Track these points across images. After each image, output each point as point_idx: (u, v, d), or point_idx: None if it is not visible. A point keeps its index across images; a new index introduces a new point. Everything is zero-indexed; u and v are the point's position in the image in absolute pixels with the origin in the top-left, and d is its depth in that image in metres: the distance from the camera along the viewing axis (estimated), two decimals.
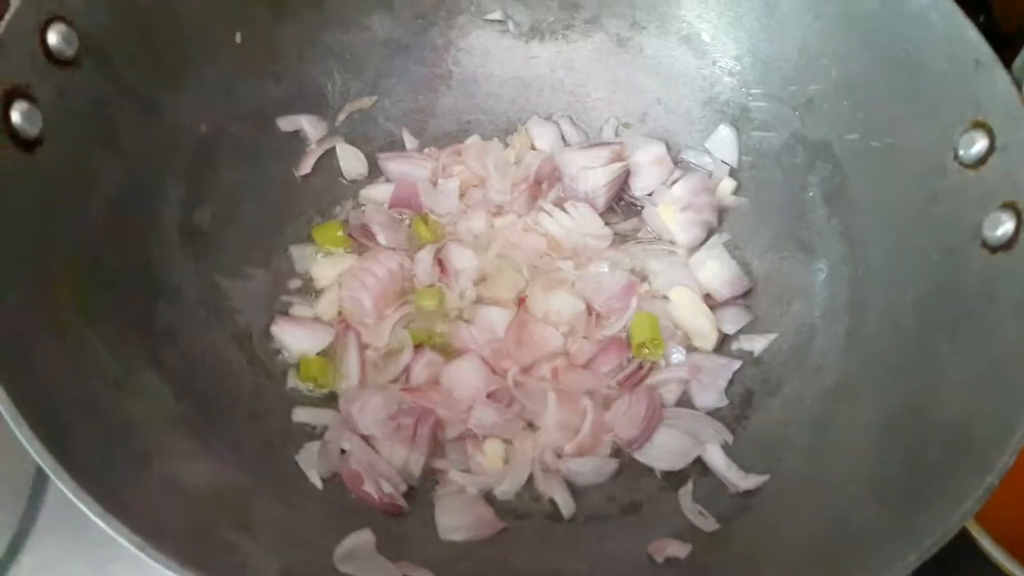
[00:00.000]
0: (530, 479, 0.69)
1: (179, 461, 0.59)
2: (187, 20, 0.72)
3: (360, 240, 0.78)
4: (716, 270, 0.76)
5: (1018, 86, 0.59)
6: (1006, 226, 0.57)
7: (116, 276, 0.64)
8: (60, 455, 0.47)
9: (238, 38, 0.77)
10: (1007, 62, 0.60)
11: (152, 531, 0.47)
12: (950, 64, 0.63)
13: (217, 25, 0.75)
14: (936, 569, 0.67)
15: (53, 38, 0.59)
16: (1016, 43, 0.78)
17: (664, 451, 0.69)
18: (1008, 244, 0.57)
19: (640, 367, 0.73)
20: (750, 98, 0.81)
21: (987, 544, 0.61)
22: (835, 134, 0.74)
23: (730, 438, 0.70)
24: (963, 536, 0.62)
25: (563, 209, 0.80)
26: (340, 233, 0.78)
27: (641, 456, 0.69)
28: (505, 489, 0.68)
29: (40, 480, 0.72)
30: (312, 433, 0.69)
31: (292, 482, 0.65)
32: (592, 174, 0.80)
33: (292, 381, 0.72)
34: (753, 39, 0.80)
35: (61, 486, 0.46)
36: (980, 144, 0.60)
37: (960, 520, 0.48)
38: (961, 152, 0.61)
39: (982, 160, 0.60)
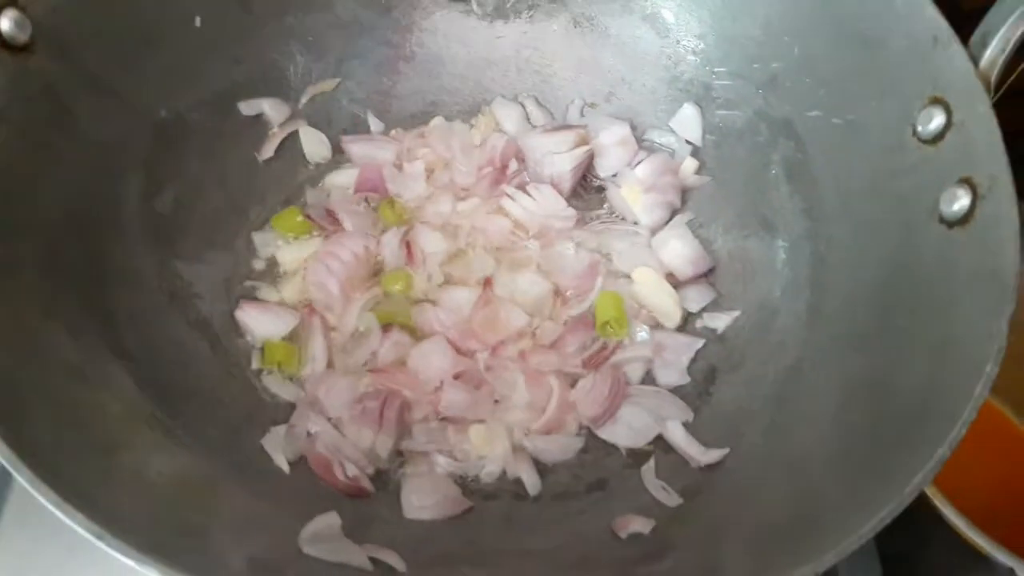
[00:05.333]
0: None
1: (142, 450, 0.58)
2: (145, 3, 0.71)
3: (325, 226, 0.78)
4: (679, 249, 0.77)
5: (975, 63, 0.60)
6: (962, 201, 0.58)
7: (76, 264, 0.63)
8: (16, 445, 0.47)
9: (197, 21, 0.76)
10: (968, 39, 0.60)
11: (113, 520, 0.46)
12: (909, 41, 0.63)
13: (176, 8, 0.74)
14: (903, 538, 0.69)
15: (5, 24, 0.59)
16: (977, 20, 0.78)
17: (628, 428, 0.69)
18: (964, 219, 0.58)
19: (605, 346, 0.74)
20: (714, 76, 0.82)
21: (949, 513, 0.63)
22: (797, 111, 0.75)
23: (691, 416, 0.71)
24: (926, 507, 0.63)
25: (526, 192, 0.80)
26: (299, 219, 0.78)
27: (605, 434, 0.70)
28: (491, 470, 0.68)
29: (4, 475, 0.71)
30: (277, 417, 0.69)
31: (257, 467, 0.65)
32: (558, 159, 0.80)
33: (256, 364, 0.72)
34: (716, 18, 0.80)
35: (17, 476, 0.46)
36: (938, 120, 0.61)
37: (912, 491, 0.49)
38: (919, 128, 0.62)
39: (940, 136, 0.61)
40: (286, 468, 0.66)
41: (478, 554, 0.62)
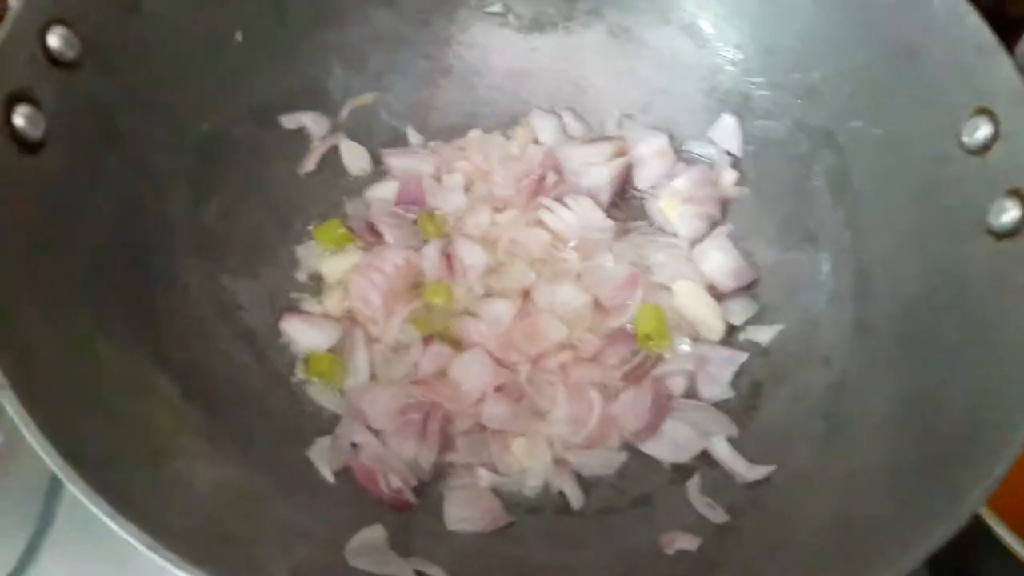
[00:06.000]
0: None
1: (189, 461, 0.59)
2: (187, 20, 0.72)
3: (366, 238, 0.78)
4: (720, 261, 0.76)
5: (1022, 72, 0.59)
6: (1011, 213, 0.57)
7: (123, 278, 0.64)
8: (69, 456, 0.47)
9: (239, 36, 0.77)
10: (1014, 46, 0.60)
11: (162, 531, 0.47)
12: (952, 50, 0.62)
13: (218, 24, 0.75)
14: (953, 558, 0.68)
15: (54, 41, 0.59)
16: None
17: (671, 443, 0.69)
18: (1014, 231, 0.57)
19: (646, 359, 0.73)
20: (752, 87, 0.81)
21: (1003, 532, 0.62)
22: (838, 121, 0.74)
23: (736, 431, 0.70)
24: (978, 524, 0.62)
25: (563, 203, 0.80)
26: (341, 230, 0.78)
27: (648, 448, 0.70)
28: (533, 484, 0.68)
29: (56, 480, 0.71)
30: (322, 428, 0.69)
31: (301, 479, 0.65)
32: (595, 170, 0.80)
33: (300, 375, 0.72)
34: (754, 27, 0.80)
35: (71, 487, 0.47)
36: (984, 130, 0.60)
37: (969, 510, 0.48)
38: (965, 139, 0.61)
39: (987, 147, 0.60)
40: (331, 479, 0.66)
41: (523, 569, 0.62)
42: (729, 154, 0.82)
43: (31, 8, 0.58)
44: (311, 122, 0.82)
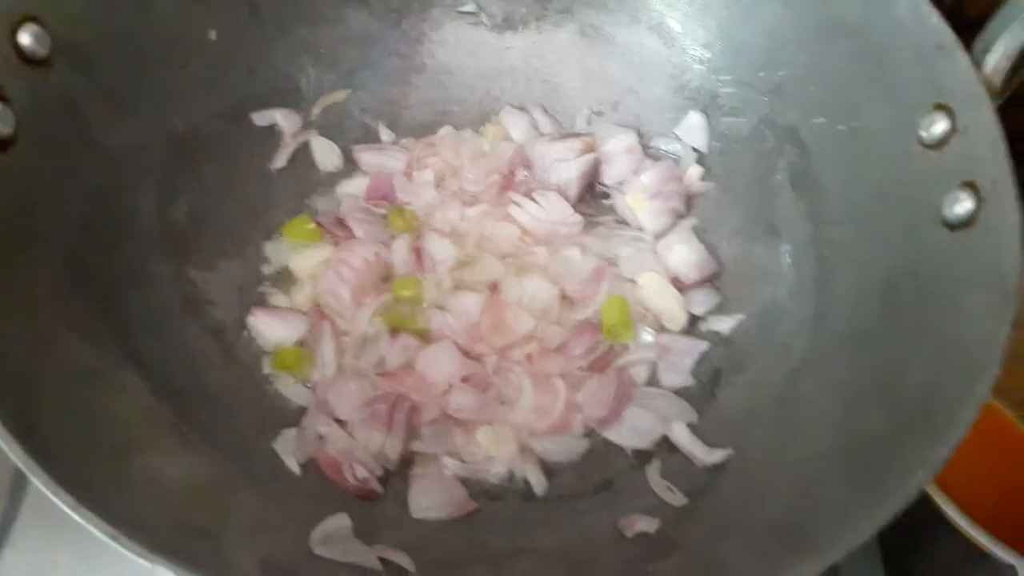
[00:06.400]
0: None
1: (156, 454, 0.59)
2: (160, 18, 0.73)
3: (335, 234, 0.79)
4: (684, 254, 0.77)
5: (978, 68, 0.60)
6: (965, 204, 0.58)
7: (92, 272, 0.64)
8: (32, 448, 0.47)
9: (212, 35, 0.77)
10: (971, 45, 0.61)
11: (127, 522, 0.47)
12: (914, 49, 0.64)
13: (191, 22, 0.76)
14: (905, 538, 0.69)
15: (25, 38, 0.60)
16: (981, 27, 0.78)
17: (633, 430, 0.70)
18: (968, 222, 0.58)
19: (610, 349, 0.74)
20: (719, 84, 0.82)
21: (951, 511, 0.64)
22: (802, 118, 0.75)
23: (695, 417, 0.71)
24: (925, 501, 0.64)
25: (532, 199, 0.80)
26: (310, 226, 0.79)
27: (611, 435, 0.71)
28: (498, 472, 0.69)
29: (21, 475, 0.72)
30: (288, 420, 0.70)
31: (268, 471, 0.66)
32: (565, 166, 0.81)
33: (268, 368, 0.73)
34: (722, 26, 0.81)
35: (33, 479, 0.47)
36: (941, 125, 0.61)
37: (914, 489, 0.49)
38: (923, 134, 0.62)
39: (943, 141, 0.61)
40: (297, 470, 0.67)
41: (487, 554, 0.63)
42: (695, 150, 0.84)
43: (2, 5, 0.59)
44: (283, 119, 0.83)
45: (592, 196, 0.85)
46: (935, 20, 0.63)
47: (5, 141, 0.58)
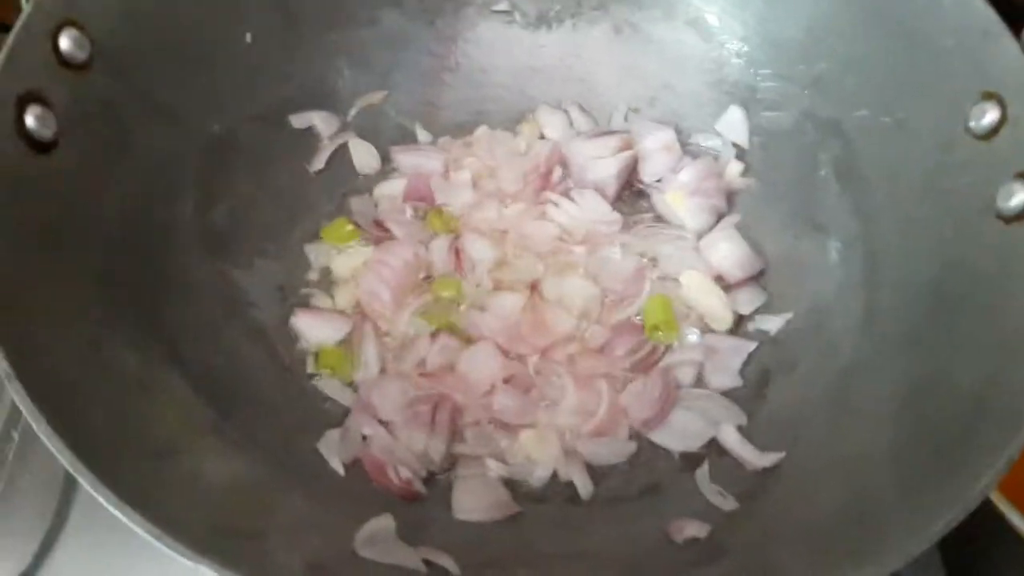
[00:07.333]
0: None
1: (200, 455, 0.59)
2: (197, 22, 0.73)
3: (374, 235, 0.79)
4: (728, 251, 0.76)
5: None
6: (1020, 196, 0.57)
7: (134, 275, 0.65)
8: (78, 450, 0.48)
9: (248, 38, 0.78)
10: (1021, 30, 0.60)
11: (171, 523, 0.47)
12: (958, 36, 0.62)
13: (227, 26, 0.76)
14: (964, 543, 0.67)
15: (65, 43, 0.60)
16: None
17: (680, 432, 0.69)
18: (1022, 214, 0.57)
19: (654, 349, 0.73)
20: (758, 78, 0.81)
21: (1014, 516, 0.61)
22: (844, 111, 0.74)
23: (744, 419, 0.70)
24: (989, 509, 0.61)
25: (570, 198, 0.80)
26: (348, 228, 0.79)
27: (657, 437, 0.70)
28: (541, 475, 0.68)
29: (71, 478, 0.72)
30: (332, 421, 0.70)
31: (311, 471, 0.66)
32: (602, 164, 0.80)
33: (310, 369, 0.73)
34: (760, 20, 0.80)
35: (79, 478, 0.47)
36: (991, 115, 0.60)
37: (978, 494, 0.47)
38: (972, 124, 0.61)
39: (994, 131, 0.60)
40: (341, 471, 0.66)
41: (531, 557, 0.62)
42: (736, 146, 0.83)
43: (42, 10, 0.59)
44: (320, 121, 0.83)
45: (630, 194, 0.84)
46: (979, 4, 0.61)
47: (47, 144, 0.58)
